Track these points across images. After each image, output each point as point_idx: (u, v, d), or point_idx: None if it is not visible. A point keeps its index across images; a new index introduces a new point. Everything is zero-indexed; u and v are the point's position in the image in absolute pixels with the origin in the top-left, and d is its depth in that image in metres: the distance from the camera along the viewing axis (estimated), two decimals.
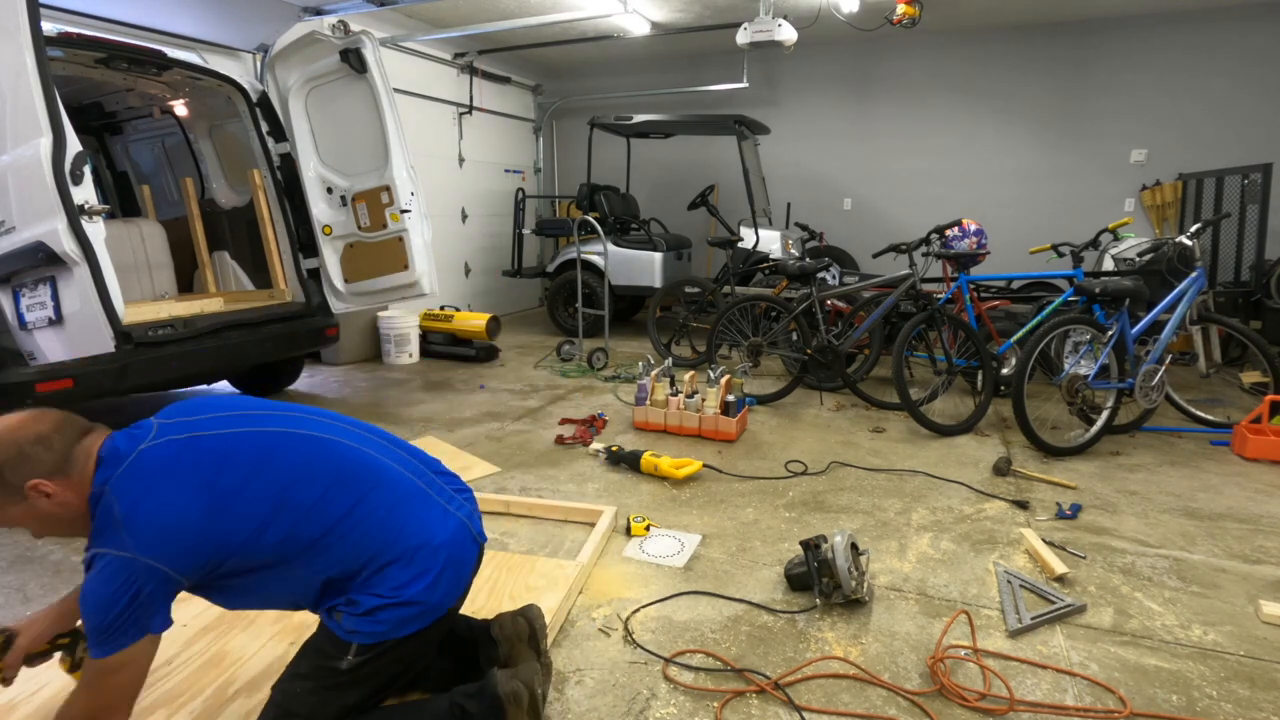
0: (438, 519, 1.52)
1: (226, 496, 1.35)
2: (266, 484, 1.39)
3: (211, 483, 1.35)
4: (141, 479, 1.34)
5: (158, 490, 1.33)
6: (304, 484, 1.41)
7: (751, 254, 6.23)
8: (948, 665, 1.94)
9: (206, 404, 1.52)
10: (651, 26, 6.61)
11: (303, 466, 1.43)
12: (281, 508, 1.38)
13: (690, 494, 3.15)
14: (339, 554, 1.42)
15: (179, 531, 1.31)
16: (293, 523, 1.38)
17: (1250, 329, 4.02)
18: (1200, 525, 2.85)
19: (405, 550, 1.45)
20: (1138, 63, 6.60)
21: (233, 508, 1.35)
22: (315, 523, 1.40)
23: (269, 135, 4.33)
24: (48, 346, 3.00)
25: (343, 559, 1.42)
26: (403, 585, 1.42)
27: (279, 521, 1.38)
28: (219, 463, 1.38)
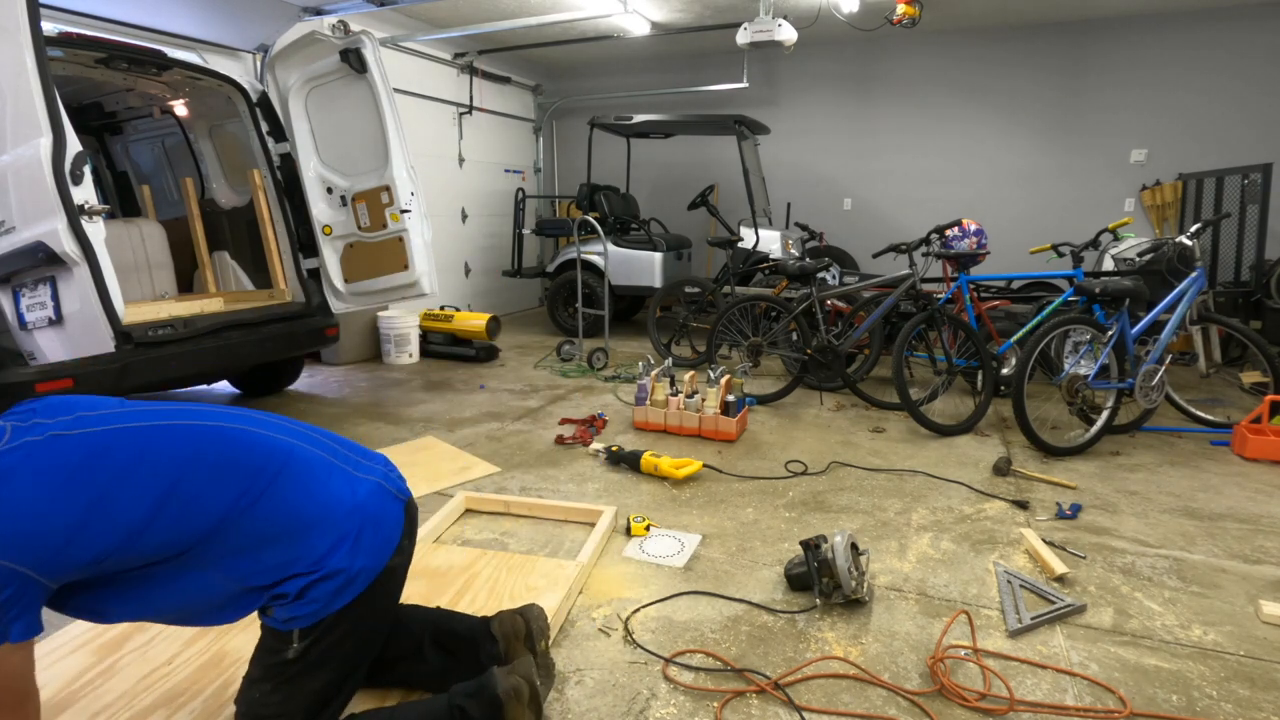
0: (344, 485, 1.47)
1: (99, 494, 1.25)
2: (147, 477, 1.29)
3: (83, 481, 1.25)
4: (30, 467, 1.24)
5: (13, 492, 1.21)
6: (192, 474, 1.33)
7: (751, 254, 6.23)
8: (948, 665, 1.94)
9: (68, 404, 1.39)
10: (651, 26, 6.61)
11: (191, 456, 1.35)
12: (168, 499, 1.29)
13: (690, 494, 3.15)
14: (242, 541, 1.35)
15: (40, 533, 1.20)
16: (182, 515, 1.30)
17: (1250, 329, 4.02)
18: (1200, 525, 2.85)
19: (314, 522, 1.40)
20: (1138, 62, 6.60)
21: (107, 505, 1.25)
22: (209, 512, 1.32)
23: (269, 135, 4.33)
24: (48, 346, 3.00)
25: (249, 546, 1.35)
26: (322, 557, 1.39)
27: (165, 514, 1.28)
28: (90, 460, 1.27)
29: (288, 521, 1.39)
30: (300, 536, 1.39)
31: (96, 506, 1.24)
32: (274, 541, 1.37)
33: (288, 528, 1.38)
